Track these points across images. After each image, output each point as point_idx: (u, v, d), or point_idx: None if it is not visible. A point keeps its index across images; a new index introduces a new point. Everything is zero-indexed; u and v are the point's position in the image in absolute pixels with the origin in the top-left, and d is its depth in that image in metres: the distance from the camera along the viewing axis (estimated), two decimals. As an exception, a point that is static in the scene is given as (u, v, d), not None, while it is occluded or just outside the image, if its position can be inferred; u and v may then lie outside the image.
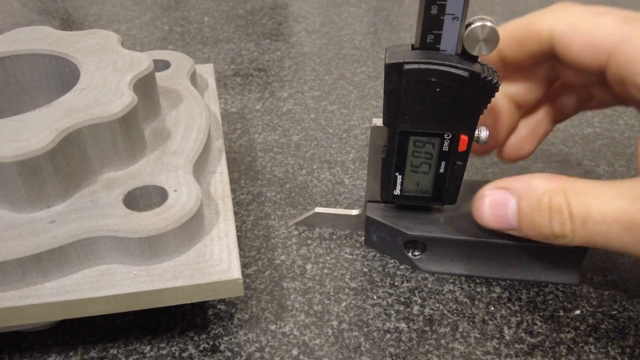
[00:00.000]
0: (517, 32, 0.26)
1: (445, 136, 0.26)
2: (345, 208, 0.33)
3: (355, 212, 0.31)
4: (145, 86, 0.28)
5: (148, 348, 0.25)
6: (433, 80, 0.24)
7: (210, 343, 0.26)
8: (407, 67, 0.24)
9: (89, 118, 0.24)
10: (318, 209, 0.32)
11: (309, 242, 0.31)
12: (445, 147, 0.26)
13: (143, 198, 0.25)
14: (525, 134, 0.30)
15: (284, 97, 0.47)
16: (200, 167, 0.28)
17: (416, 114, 0.25)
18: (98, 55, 0.29)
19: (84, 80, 0.27)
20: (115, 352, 0.25)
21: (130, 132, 0.25)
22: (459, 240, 0.28)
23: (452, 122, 0.25)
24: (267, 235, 0.32)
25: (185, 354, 0.25)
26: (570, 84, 0.29)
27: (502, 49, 0.27)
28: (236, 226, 0.31)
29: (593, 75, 0.26)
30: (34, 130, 0.23)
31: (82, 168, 0.25)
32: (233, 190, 0.35)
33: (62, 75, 0.30)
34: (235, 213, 0.33)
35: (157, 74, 0.34)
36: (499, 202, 0.25)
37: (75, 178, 0.24)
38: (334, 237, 0.32)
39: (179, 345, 0.25)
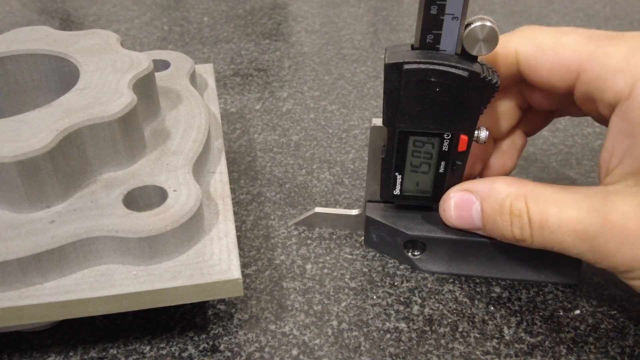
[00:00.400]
0: (483, 57, 0.26)
1: (445, 136, 0.26)
2: (345, 208, 0.33)
3: (355, 212, 0.31)
4: (144, 86, 0.28)
5: (148, 348, 0.25)
6: (433, 80, 0.24)
7: (210, 343, 0.26)
8: (406, 67, 0.24)
9: (88, 118, 0.24)
10: (318, 209, 0.32)
11: (309, 242, 0.31)
12: (445, 147, 0.26)
13: (143, 198, 0.25)
14: (504, 150, 0.30)
15: (283, 97, 0.47)
16: (199, 167, 0.28)
17: (416, 114, 0.25)
18: (97, 55, 0.29)
19: (83, 80, 0.27)
20: (115, 352, 0.25)
21: (129, 132, 0.25)
22: (459, 240, 0.28)
23: (451, 122, 0.25)
24: (266, 235, 0.32)
25: (185, 354, 0.25)
26: (540, 107, 0.29)
27: None
28: (236, 226, 0.31)
29: (562, 96, 0.26)
30: (33, 130, 0.23)
31: (81, 168, 0.25)
32: (233, 190, 0.35)
33: (61, 75, 0.30)
34: (235, 213, 0.33)
35: (157, 74, 0.34)
36: (464, 203, 0.26)
37: (74, 178, 0.24)
38: (334, 237, 0.32)
39: (178, 345, 0.25)
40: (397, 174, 0.27)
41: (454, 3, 0.23)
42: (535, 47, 0.25)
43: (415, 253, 0.29)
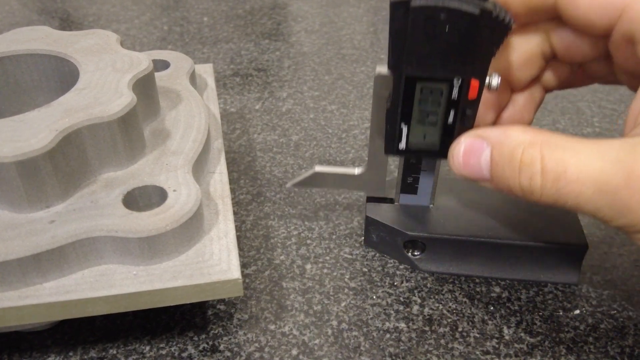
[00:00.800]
0: None
1: (455, 82, 0.24)
2: (347, 167, 0.31)
3: (357, 170, 0.30)
4: (144, 86, 0.28)
5: (147, 348, 0.25)
6: (441, 18, 0.22)
7: (210, 343, 0.26)
8: (413, 4, 0.22)
9: (88, 118, 0.24)
10: (318, 168, 0.30)
11: (309, 241, 0.31)
12: (455, 95, 0.24)
13: (142, 198, 0.25)
14: (522, 103, 0.29)
15: (283, 97, 0.47)
16: (199, 167, 0.28)
17: (423, 56, 0.23)
18: (97, 55, 0.29)
19: (83, 80, 0.27)
20: (114, 352, 0.25)
21: (129, 132, 0.25)
22: (459, 240, 0.28)
23: (461, 65, 0.23)
24: (266, 235, 0.32)
25: (184, 354, 0.25)
26: (566, 58, 0.27)
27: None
28: (235, 226, 0.31)
29: (593, 44, 0.25)
30: (33, 131, 0.23)
31: (81, 168, 0.25)
32: (232, 190, 0.35)
33: (61, 75, 0.30)
34: (235, 213, 0.33)
35: (157, 74, 0.34)
36: (473, 150, 0.24)
37: (74, 178, 0.24)
38: (334, 237, 0.32)
39: (178, 345, 0.25)
40: (403, 125, 0.26)
41: None
42: None
43: (415, 253, 0.29)
